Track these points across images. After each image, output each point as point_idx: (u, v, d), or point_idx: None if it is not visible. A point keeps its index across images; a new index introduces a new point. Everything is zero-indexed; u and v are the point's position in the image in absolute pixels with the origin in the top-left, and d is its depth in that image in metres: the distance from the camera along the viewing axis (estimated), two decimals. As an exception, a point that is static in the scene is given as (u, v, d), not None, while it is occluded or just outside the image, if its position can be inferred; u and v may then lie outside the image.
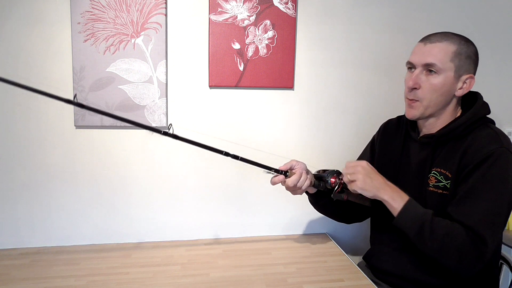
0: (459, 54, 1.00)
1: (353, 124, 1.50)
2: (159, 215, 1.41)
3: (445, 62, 0.99)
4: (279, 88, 1.42)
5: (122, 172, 1.36)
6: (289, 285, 1.07)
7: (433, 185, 1.02)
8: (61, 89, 1.30)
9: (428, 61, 0.99)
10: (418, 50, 1.03)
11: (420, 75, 1.01)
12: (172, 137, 1.00)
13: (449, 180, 0.99)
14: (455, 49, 1.00)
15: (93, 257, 1.25)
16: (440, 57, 0.99)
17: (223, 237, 1.45)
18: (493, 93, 1.57)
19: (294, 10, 1.39)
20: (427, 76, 1.00)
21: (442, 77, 0.99)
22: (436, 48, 0.99)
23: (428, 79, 1.00)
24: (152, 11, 1.31)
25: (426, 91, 1.00)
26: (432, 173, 1.03)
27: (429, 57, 0.99)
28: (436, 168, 1.02)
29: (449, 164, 1.00)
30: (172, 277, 1.11)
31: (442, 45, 0.99)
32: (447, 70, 0.99)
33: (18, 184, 1.31)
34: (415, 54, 1.03)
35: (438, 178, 1.01)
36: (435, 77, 0.99)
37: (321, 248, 1.36)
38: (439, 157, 1.03)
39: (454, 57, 0.99)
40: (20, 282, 1.07)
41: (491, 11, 1.53)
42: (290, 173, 1.11)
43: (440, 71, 0.99)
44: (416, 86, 1.01)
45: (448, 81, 1.00)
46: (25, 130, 1.29)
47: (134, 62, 1.32)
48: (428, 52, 1.00)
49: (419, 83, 1.01)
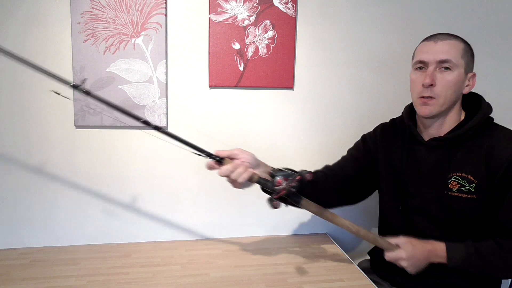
0: (467, 52, 1.02)
1: (353, 124, 1.49)
2: (159, 215, 1.40)
3: (458, 59, 1.00)
4: (279, 88, 1.42)
5: (122, 172, 1.36)
6: (289, 285, 1.07)
7: (456, 190, 1.02)
8: (61, 89, 1.30)
9: (443, 57, 1.00)
10: (429, 49, 1.02)
11: (434, 72, 1.01)
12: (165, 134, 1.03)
13: (473, 184, 1.00)
14: (463, 46, 1.02)
15: (93, 257, 1.25)
16: (453, 53, 1.00)
17: (223, 237, 1.45)
18: (493, 93, 1.57)
19: (294, 10, 1.39)
20: (441, 73, 1.01)
21: (456, 73, 1.00)
22: (448, 45, 1.00)
23: (443, 76, 1.00)
24: (152, 11, 1.31)
25: (442, 88, 1.00)
26: (453, 178, 1.03)
27: (443, 54, 1.00)
28: (456, 173, 1.02)
29: (470, 168, 1.00)
30: (172, 277, 1.11)
31: (453, 42, 1.01)
32: (460, 67, 1.01)
33: (18, 184, 1.31)
34: (426, 52, 1.03)
35: (461, 182, 1.01)
36: (449, 73, 1.00)
37: (321, 248, 1.36)
38: (455, 161, 1.03)
39: (464, 54, 1.01)
40: (20, 282, 1.07)
41: (491, 11, 1.53)
42: (226, 161, 1.01)
43: (454, 67, 1.00)
44: (433, 83, 1.01)
45: (460, 78, 1.01)
46: (25, 130, 1.29)
47: (134, 62, 1.32)
48: (441, 49, 1.00)
49: (434, 80, 1.01)
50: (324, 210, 1.07)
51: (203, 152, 1.01)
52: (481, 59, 1.54)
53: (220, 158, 1.02)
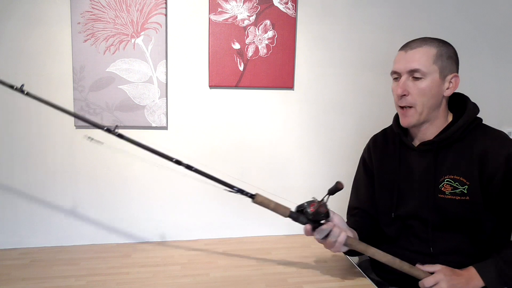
0: (441, 56, 1.01)
1: (353, 124, 1.49)
2: (159, 215, 1.41)
3: (429, 66, 1.00)
4: (279, 88, 1.42)
5: (122, 172, 1.36)
6: (289, 285, 1.07)
7: (449, 193, 1.02)
8: (61, 89, 1.30)
9: (412, 67, 1.00)
10: (400, 59, 1.04)
11: (407, 82, 1.02)
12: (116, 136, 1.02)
13: (466, 186, 1.00)
14: (436, 51, 1.01)
15: (93, 257, 1.25)
16: (423, 61, 1.00)
17: (223, 237, 1.45)
18: (493, 93, 1.57)
19: (294, 10, 1.39)
20: (413, 81, 1.01)
21: (428, 80, 1.00)
22: (417, 53, 1.01)
23: (415, 85, 1.01)
24: (152, 11, 1.31)
25: (416, 96, 1.01)
26: (446, 181, 1.03)
27: (413, 63, 1.00)
28: (448, 176, 1.02)
29: (462, 170, 1.01)
30: (172, 277, 1.11)
31: (423, 50, 1.01)
32: (432, 73, 1.00)
33: (18, 184, 1.31)
34: (398, 62, 1.04)
35: (454, 185, 1.01)
36: (421, 81, 1.01)
37: (321, 248, 1.35)
38: (445, 163, 1.03)
39: (436, 59, 1.01)
40: (20, 282, 1.07)
41: (491, 11, 1.53)
42: (257, 196, 1.01)
43: (425, 75, 1.00)
44: (405, 93, 1.02)
45: (435, 83, 1.01)
46: (25, 130, 1.29)
47: (134, 62, 1.32)
48: (410, 58, 1.01)
49: (407, 89, 1.02)
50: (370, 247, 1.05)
51: (233, 188, 1.04)
52: (481, 59, 1.54)
53: (251, 194, 1.02)
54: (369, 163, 1.21)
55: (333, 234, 1.00)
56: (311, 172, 1.49)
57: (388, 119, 1.27)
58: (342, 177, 1.50)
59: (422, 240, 1.05)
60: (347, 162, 1.50)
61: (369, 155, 1.21)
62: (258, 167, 1.47)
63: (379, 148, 1.19)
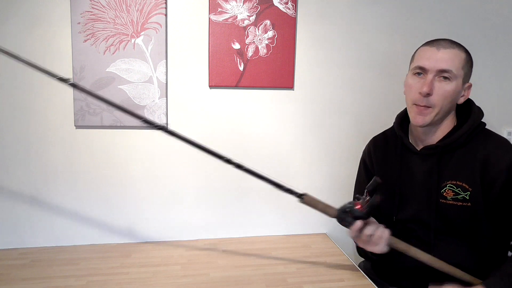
0: (467, 62, 1.00)
1: (353, 124, 1.50)
2: (159, 215, 1.41)
3: (459, 69, 0.98)
4: (279, 88, 1.42)
5: (122, 172, 1.36)
6: (289, 285, 1.07)
7: (451, 199, 1.01)
8: (61, 89, 1.30)
9: (444, 67, 0.97)
10: (431, 55, 0.99)
11: (433, 81, 0.98)
12: (168, 133, 1.03)
13: (468, 192, 0.99)
14: (465, 56, 1.00)
15: (93, 257, 1.25)
16: (455, 63, 0.97)
17: (223, 237, 1.45)
18: (493, 93, 1.57)
19: (294, 10, 1.39)
20: (440, 82, 0.98)
21: (454, 84, 0.98)
22: (450, 53, 0.98)
23: (441, 86, 0.98)
24: (152, 11, 1.31)
25: (439, 98, 0.98)
26: (448, 186, 1.01)
27: (445, 63, 0.97)
28: (451, 181, 1.01)
29: (465, 175, 0.99)
30: (172, 277, 1.11)
31: (455, 52, 0.98)
32: (458, 77, 0.98)
33: (18, 184, 1.31)
34: (428, 59, 0.99)
35: (456, 190, 1.00)
36: (448, 83, 0.98)
37: (321, 248, 1.36)
38: (448, 168, 1.02)
39: (465, 64, 0.99)
40: (20, 282, 1.07)
41: (491, 12, 1.53)
42: (306, 197, 0.99)
43: (454, 77, 0.97)
44: (430, 92, 0.98)
45: (458, 89, 0.99)
46: (25, 130, 1.29)
47: (134, 62, 1.32)
48: (443, 57, 0.97)
49: (432, 89, 0.98)
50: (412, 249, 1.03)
51: (282, 187, 1.02)
52: (481, 59, 1.54)
53: (300, 194, 1.01)
54: (369, 165, 1.21)
55: (380, 229, 0.98)
56: (311, 172, 1.49)
57: (388, 119, 1.27)
58: (341, 177, 1.51)
59: (423, 244, 1.04)
60: (347, 162, 1.50)
61: (370, 158, 1.21)
62: (258, 167, 1.46)
63: (380, 150, 1.19)
